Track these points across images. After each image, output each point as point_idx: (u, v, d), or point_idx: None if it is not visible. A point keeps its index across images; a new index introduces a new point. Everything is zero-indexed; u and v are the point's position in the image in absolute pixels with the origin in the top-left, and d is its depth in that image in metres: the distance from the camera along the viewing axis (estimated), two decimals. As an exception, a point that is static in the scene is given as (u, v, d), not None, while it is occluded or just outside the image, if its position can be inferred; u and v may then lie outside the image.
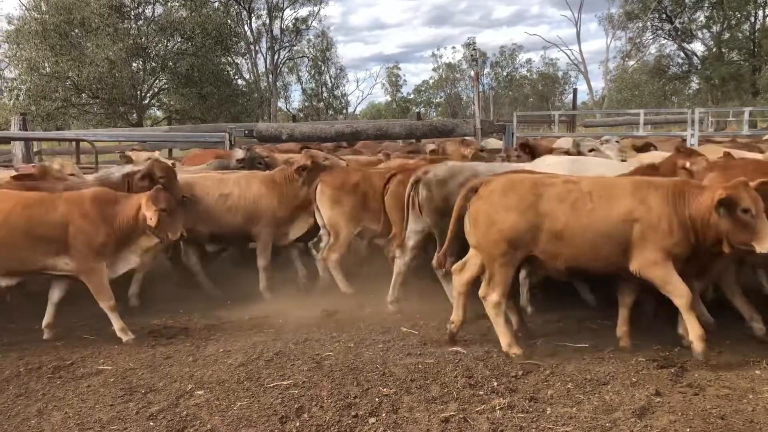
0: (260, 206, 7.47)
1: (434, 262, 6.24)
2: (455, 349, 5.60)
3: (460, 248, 5.77)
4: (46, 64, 29.26)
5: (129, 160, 8.91)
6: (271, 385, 4.93)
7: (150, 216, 5.89)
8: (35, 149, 16.52)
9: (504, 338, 5.42)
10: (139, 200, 6.08)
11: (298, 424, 4.29)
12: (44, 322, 6.17)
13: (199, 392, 4.83)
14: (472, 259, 5.61)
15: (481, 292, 5.46)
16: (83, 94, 30.76)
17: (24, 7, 31.35)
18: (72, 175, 7.82)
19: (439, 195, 6.36)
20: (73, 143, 15.00)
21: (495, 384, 4.84)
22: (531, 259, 5.41)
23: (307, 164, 7.56)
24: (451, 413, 4.38)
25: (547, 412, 4.40)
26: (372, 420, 4.33)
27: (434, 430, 4.18)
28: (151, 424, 4.36)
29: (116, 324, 6.02)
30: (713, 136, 13.57)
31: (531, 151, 9.14)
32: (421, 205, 6.46)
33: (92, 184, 6.91)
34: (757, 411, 4.38)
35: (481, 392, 4.72)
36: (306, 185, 7.52)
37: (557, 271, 5.40)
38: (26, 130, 15.39)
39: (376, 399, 4.63)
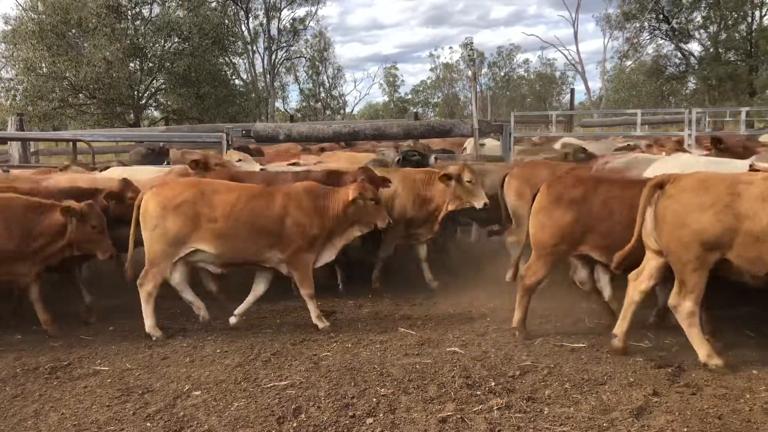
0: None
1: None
2: (452, 349, 5.60)
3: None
4: (43, 65, 29.18)
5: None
6: (269, 385, 4.92)
7: (360, 203, 6.24)
8: (32, 149, 16.50)
9: (702, 349, 5.10)
10: (347, 193, 6.26)
11: (295, 424, 4.29)
12: (239, 310, 6.41)
13: (197, 393, 4.83)
14: (651, 264, 5.31)
15: (671, 302, 5.13)
16: (80, 95, 30.67)
17: (21, 8, 31.30)
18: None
19: None
20: (71, 143, 14.97)
21: (492, 384, 4.85)
22: (723, 264, 4.96)
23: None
24: (449, 413, 4.38)
25: (545, 412, 4.40)
26: (369, 420, 4.33)
27: (432, 431, 4.18)
28: (148, 424, 4.35)
29: (313, 312, 6.26)
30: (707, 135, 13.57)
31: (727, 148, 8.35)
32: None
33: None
34: (755, 411, 4.39)
35: (478, 392, 4.72)
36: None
37: (754, 277, 4.92)
38: (23, 131, 15.37)
39: (374, 399, 4.63)
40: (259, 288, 6.45)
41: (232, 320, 6.33)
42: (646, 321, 6.23)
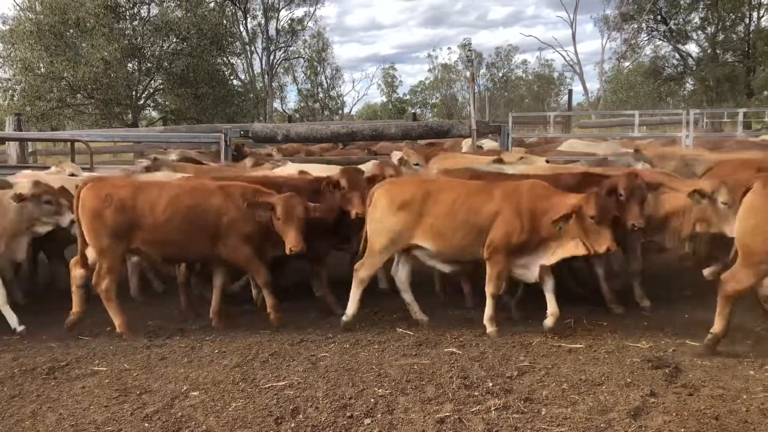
0: None
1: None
2: (450, 349, 5.61)
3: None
4: (41, 65, 29.14)
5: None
6: (267, 385, 4.93)
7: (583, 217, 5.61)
8: (30, 150, 16.49)
9: None
10: (573, 202, 5.74)
11: (293, 424, 4.29)
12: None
13: (194, 393, 4.83)
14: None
15: None
16: (78, 95, 30.63)
17: (18, 8, 31.25)
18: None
19: None
20: (68, 144, 14.95)
21: (490, 384, 4.85)
22: None
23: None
24: (447, 414, 4.39)
25: (542, 413, 4.41)
26: (367, 421, 4.33)
27: (429, 431, 4.18)
28: (146, 425, 4.35)
29: (489, 313, 6.05)
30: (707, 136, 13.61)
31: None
32: None
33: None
34: (751, 411, 4.40)
35: (476, 393, 4.73)
36: None
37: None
38: (21, 131, 15.36)
39: (372, 400, 4.63)
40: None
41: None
42: (641, 321, 6.27)
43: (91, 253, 6.22)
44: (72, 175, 8.35)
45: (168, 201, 6.12)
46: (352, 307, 6.27)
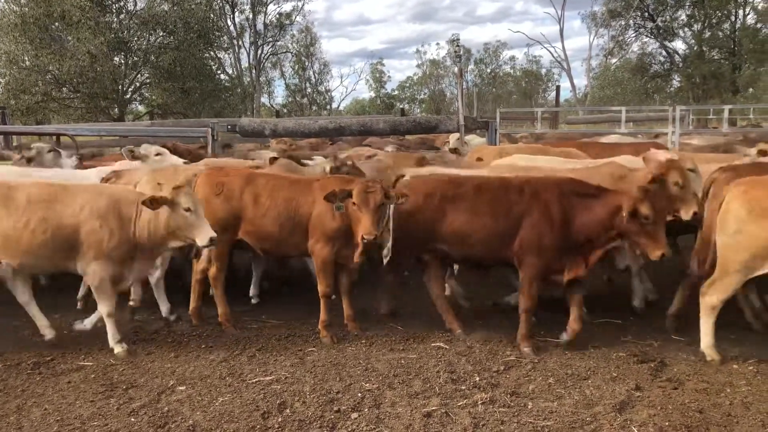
0: None
1: None
2: (438, 344, 5.62)
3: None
4: (26, 58, 28.87)
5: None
6: (254, 380, 4.92)
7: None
8: (14, 143, 16.33)
9: None
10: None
11: (280, 419, 4.29)
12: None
13: (181, 388, 4.81)
14: None
15: None
16: (64, 89, 30.39)
17: (2, 0, 30.93)
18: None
19: None
20: (54, 138, 14.82)
21: (477, 379, 4.87)
22: None
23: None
24: (434, 408, 4.40)
25: (529, 407, 4.44)
26: (354, 415, 4.34)
27: (416, 425, 4.20)
28: (133, 420, 4.33)
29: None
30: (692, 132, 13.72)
31: None
32: None
33: None
34: (735, 405, 4.45)
35: (463, 387, 4.75)
36: None
37: None
38: (5, 124, 15.22)
39: (359, 394, 4.64)
40: None
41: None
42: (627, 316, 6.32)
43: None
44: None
45: (268, 193, 5.99)
46: (706, 339, 5.29)
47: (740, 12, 39.13)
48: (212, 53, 37.01)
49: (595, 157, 8.13)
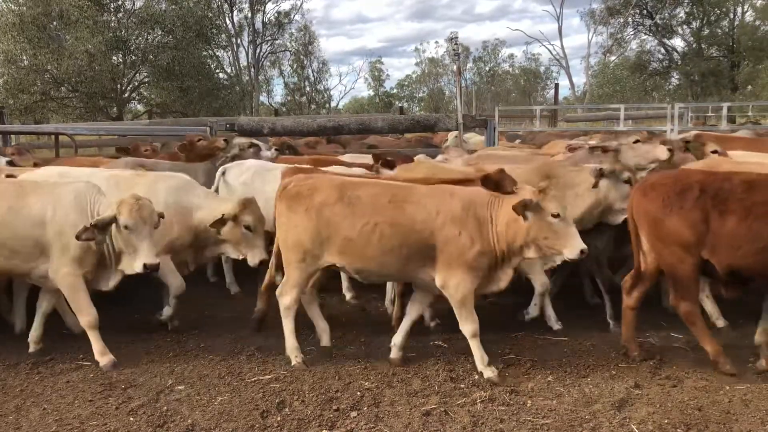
0: None
1: None
2: (437, 343, 5.62)
3: None
4: (24, 57, 28.76)
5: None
6: (253, 379, 4.92)
7: None
8: (13, 143, 16.31)
9: None
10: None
11: (279, 418, 4.29)
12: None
13: (180, 387, 4.81)
14: None
15: None
16: (62, 88, 30.27)
17: (0, -1, 30.86)
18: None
19: None
20: (52, 137, 14.81)
21: (476, 377, 4.87)
22: None
23: None
24: (433, 406, 4.40)
25: (528, 405, 4.44)
26: (353, 414, 4.34)
27: (415, 424, 4.20)
28: (132, 419, 4.33)
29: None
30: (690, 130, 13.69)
31: None
32: None
33: None
34: (734, 402, 4.45)
35: (462, 385, 4.75)
36: None
37: None
38: (4, 124, 15.20)
39: (358, 393, 4.64)
40: None
41: None
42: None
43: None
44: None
45: None
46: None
47: (739, 9, 39.15)
48: (211, 52, 36.95)
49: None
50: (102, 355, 5.24)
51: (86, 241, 5.00)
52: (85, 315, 5.26)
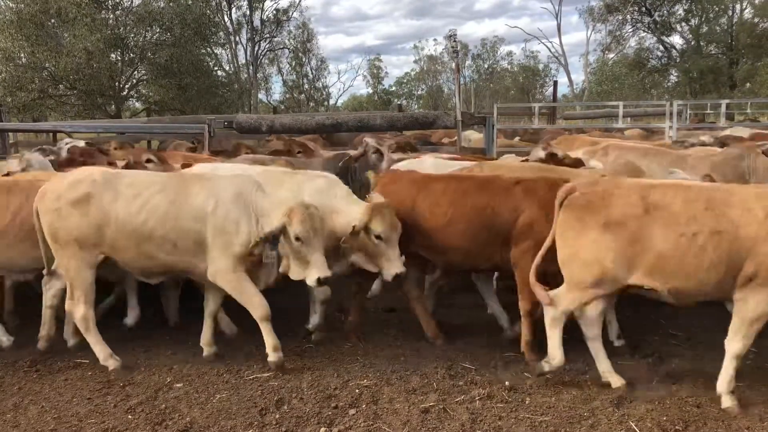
0: None
1: None
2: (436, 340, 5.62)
3: None
4: (22, 55, 28.71)
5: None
6: (251, 377, 4.92)
7: None
8: (11, 141, 16.28)
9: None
10: None
11: (278, 416, 4.29)
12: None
13: (178, 385, 4.81)
14: None
15: None
16: (60, 85, 30.23)
17: (-2, -2, 30.79)
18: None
19: None
20: (51, 135, 14.80)
21: (474, 374, 4.87)
22: None
23: None
24: (431, 404, 4.40)
25: (526, 402, 4.44)
26: (352, 411, 4.34)
27: (414, 421, 4.20)
28: (130, 417, 4.33)
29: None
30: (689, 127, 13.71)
31: None
32: None
33: None
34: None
35: (460, 383, 4.75)
36: None
37: None
38: (2, 121, 15.16)
39: (356, 390, 4.64)
40: None
41: None
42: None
43: None
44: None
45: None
46: None
47: (737, 6, 39.13)
48: (209, 49, 36.90)
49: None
50: (274, 351, 5.01)
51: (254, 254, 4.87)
52: (257, 308, 5.04)
